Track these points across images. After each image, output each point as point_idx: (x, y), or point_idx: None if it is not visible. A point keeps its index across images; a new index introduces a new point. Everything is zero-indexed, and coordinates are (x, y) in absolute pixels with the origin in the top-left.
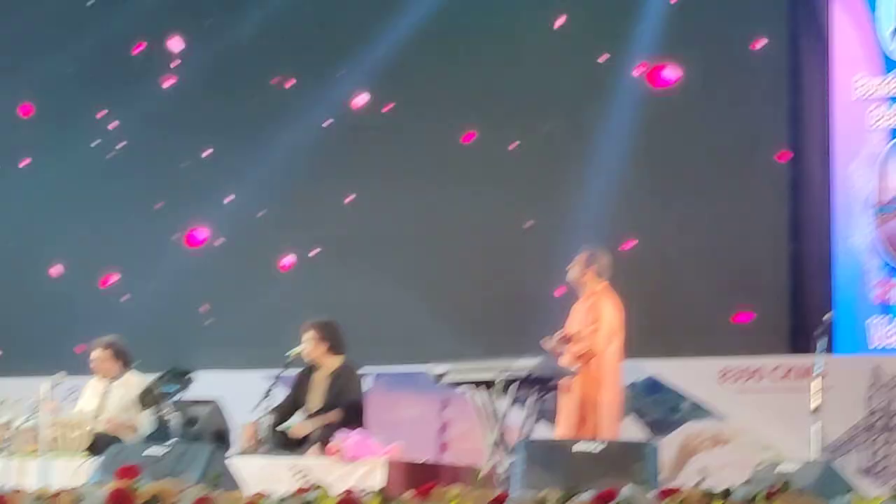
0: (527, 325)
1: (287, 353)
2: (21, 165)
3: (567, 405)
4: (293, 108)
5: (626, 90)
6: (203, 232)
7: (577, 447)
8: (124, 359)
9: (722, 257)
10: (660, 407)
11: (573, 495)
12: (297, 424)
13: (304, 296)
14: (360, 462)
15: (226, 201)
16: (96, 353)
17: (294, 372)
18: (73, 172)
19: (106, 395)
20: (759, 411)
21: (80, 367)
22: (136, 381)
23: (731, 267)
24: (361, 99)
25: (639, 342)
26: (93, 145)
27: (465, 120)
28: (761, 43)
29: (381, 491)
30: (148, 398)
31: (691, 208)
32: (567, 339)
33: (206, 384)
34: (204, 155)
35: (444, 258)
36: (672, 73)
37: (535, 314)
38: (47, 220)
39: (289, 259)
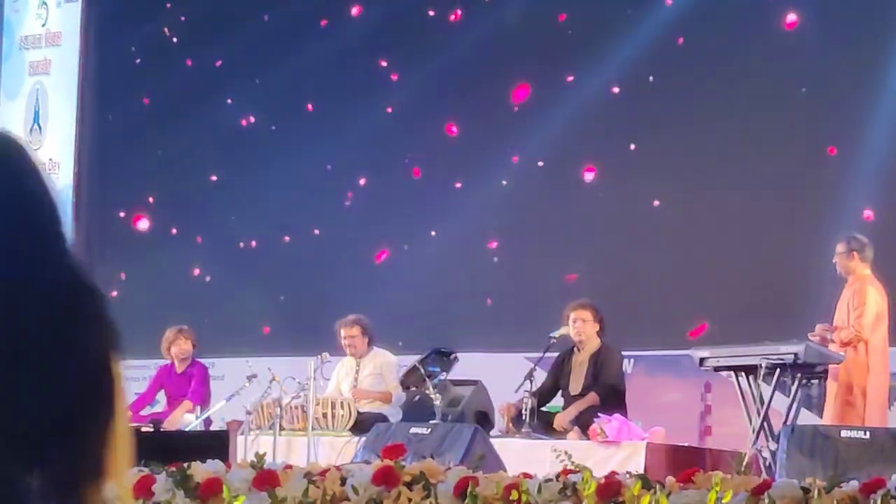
0: (790, 310)
1: (551, 334)
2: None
3: (833, 391)
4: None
5: None
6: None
7: (843, 434)
8: (370, 335)
9: None
10: None
11: (839, 483)
12: (559, 416)
13: (562, 279)
14: (622, 446)
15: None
16: (349, 331)
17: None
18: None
19: (357, 372)
20: None
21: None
22: (383, 357)
23: None
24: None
25: None
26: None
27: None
28: None
29: (643, 475)
30: (413, 378)
31: None
32: (833, 328)
33: (469, 365)
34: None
35: (706, 242)
36: None
37: (799, 299)
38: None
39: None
